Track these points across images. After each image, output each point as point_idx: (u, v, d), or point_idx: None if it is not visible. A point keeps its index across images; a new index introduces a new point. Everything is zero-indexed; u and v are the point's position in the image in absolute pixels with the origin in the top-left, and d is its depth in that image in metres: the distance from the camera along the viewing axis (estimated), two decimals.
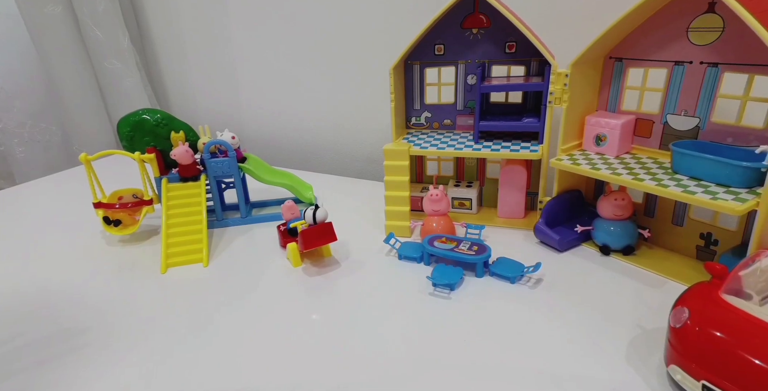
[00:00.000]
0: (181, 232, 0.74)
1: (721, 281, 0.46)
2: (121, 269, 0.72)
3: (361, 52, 1.07)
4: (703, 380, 0.40)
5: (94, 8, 1.23)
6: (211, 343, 0.55)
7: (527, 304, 0.59)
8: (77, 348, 0.55)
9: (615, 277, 0.64)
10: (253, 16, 1.18)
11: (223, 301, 0.63)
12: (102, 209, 0.78)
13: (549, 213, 0.72)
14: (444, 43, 0.79)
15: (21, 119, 1.32)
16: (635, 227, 0.69)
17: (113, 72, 1.31)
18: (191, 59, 1.35)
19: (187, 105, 1.44)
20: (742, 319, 0.41)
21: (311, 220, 0.67)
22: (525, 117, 0.77)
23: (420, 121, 0.86)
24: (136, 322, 0.59)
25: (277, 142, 1.30)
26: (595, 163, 0.67)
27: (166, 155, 0.79)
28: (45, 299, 0.65)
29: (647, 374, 0.47)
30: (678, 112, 0.65)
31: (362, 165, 1.18)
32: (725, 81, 0.60)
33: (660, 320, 0.52)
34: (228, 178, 0.83)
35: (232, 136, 0.82)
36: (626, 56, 0.68)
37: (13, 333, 0.58)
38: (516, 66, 0.78)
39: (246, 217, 0.86)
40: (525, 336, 0.54)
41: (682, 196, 0.56)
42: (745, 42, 0.56)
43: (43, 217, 0.93)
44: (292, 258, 0.70)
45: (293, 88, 1.21)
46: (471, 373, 0.49)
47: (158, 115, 0.80)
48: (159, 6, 1.32)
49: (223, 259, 0.74)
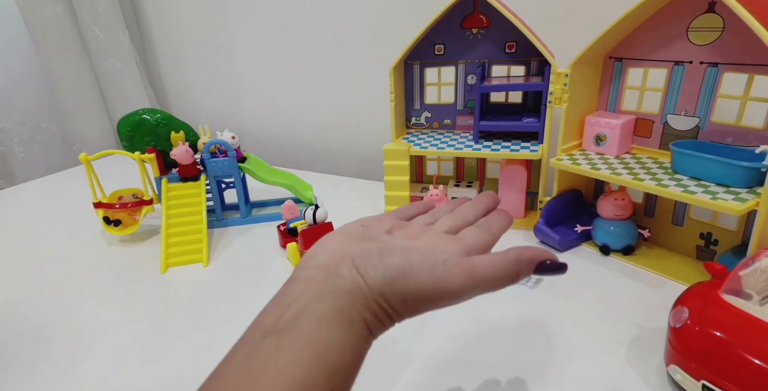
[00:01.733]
0: (181, 232, 0.74)
1: (721, 280, 0.46)
2: (121, 269, 0.72)
3: (361, 51, 1.07)
4: (703, 380, 0.40)
5: (94, 8, 1.23)
6: (211, 343, 0.55)
7: (527, 304, 0.59)
8: (77, 348, 0.55)
9: (615, 277, 0.64)
10: (253, 16, 1.18)
11: (223, 301, 0.63)
12: (102, 208, 0.78)
13: (549, 213, 0.72)
14: (444, 43, 0.79)
15: (21, 119, 1.32)
16: (635, 226, 0.69)
17: (113, 72, 1.31)
18: (191, 59, 1.35)
19: (187, 105, 1.44)
20: (742, 319, 0.41)
21: (311, 220, 0.68)
22: (525, 117, 0.77)
23: (420, 121, 0.86)
24: (136, 322, 0.59)
25: (277, 142, 1.30)
26: (595, 163, 0.67)
27: (166, 155, 0.79)
28: (45, 299, 0.65)
29: (647, 374, 0.47)
30: (678, 112, 0.65)
31: (362, 165, 1.18)
32: (725, 81, 0.60)
33: (660, 320, 0.52)
34: (228, 178, 0.83)
35: (232, 136, 0.82)
36: (626, 56, 0.68)
37: (12, 333, 0.58)
38: (516, 66, 0.78)
39: (246, 217, 0.86)
40: (525, 336, 0.54)
41: (682, 196, 0.56)
42: (745, 42, 0.56)
43: (43, 217, 0.93)
44: (292, 258, 0.70)
45: (293, 88, 1.21)
46: (470, 372, 0.49)
47: (158, 115, 0.80)
48: (159, 6, 1.32)
49: (223, 259, 0.74)
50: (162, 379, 0.50)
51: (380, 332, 0.29)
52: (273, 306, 0.29)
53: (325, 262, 0.30)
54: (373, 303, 0.28)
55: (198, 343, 0.55)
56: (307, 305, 0.27)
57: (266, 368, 0.25)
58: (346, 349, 0.27)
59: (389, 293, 0.28)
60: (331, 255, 0.30)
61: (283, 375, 0.24)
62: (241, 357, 0.26)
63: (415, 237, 0.33)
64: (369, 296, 0.28)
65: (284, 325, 0.27)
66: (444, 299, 0.29)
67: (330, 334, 0.26)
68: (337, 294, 0.28)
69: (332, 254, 0.30)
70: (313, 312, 0.27)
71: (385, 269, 0.29)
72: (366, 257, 0.29)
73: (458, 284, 0.29)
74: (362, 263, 0.29)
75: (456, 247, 0.31)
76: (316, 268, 0.30)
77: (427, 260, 0.29)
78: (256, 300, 0.32)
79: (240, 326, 0.29)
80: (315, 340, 0.26)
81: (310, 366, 0.25)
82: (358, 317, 0.28)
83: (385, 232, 0.33)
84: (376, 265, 0.29)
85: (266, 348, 0.26)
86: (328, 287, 0.28)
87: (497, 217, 0.37)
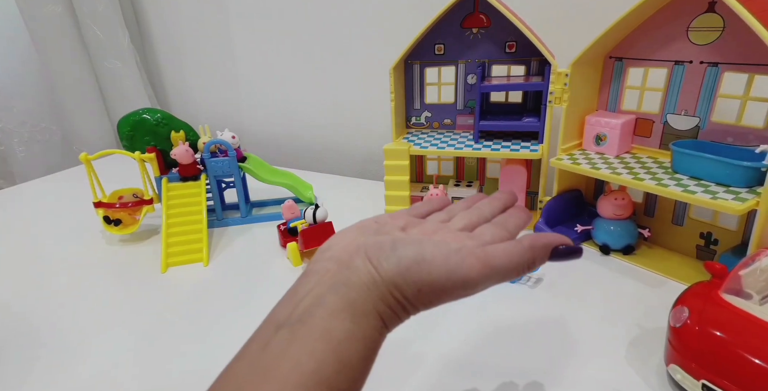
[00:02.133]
0: (181, 231, 0.74)
1: (721, 280, 0.46)
2: (121, 268, 0.72)
3: (361, 51, 1.07)
4: (703, 379, 0.40)
5: (94, 8, 1.23)
6: (211, 342, 0.55)
7: (527, 303, 0.59)
8: (77, 348, 0.55)
9: (615, 277, 0.64)
10: (253, 15, 1.18)
11: (223, 300, 0.63)
12: (102, 208, 0.78)
13: (549, 213, 0.72)
14: (444, 43, 0.79)
15: (21, 119, 1.32)
16: (635, 226, 0.69)
17: (113, 72, 1.31)
18: (191, 59, 1.35)
19: (187, 105, 1.44)
20: (742, 318, 0.41)
21: (311, 219, 0.68)
22: (525, 117, 0.77)
23: (420, 120, 0.86)
24: (136, 321, 0.59)
25: (277, 142, 1.30)
26: (595, 163, 0.67)
27: (166, 155, 0.79)
28: (45, 299, 0.65)
29: (647, 374, 0.47)
30: (678, 111, 0.65)
31: (362, 165, 1.18)
32: (725, 81, 0.60)
33: (660, 319, 0.52)
34: (228, 177, 0.83)
35: (232, 135, 0.82)
36: (626, 56, 0.68)
37: (12, 332, 0.58)
38: (516, 66, 0.78)
39: (246, 216, 0.86)
40: (525, 336, 0.54)
41: (682, 195, 0.56)
42: (745, 42, 0.56)
43: (43, 217, 0.93)
44: (292, 258, 0.70)
45: (293, 88, 1.21)
46: (470, 372, 0.49)
47: (158, 114, 0.80)
48: (159, 6, 1.32)
49: (223, 258, 0.74)
50: (162, 378, 0.50)
51: (395, 324, 0.29)
52: (286, 300, 0.29)
53: (338, 254, 0.30)
54: (387, 294, 0.28)
55: (198, 342, 0.55)
56: (321, 296, 0.27)
57: (279, 361, 0.25)
58: (359, 341, 0.26)
59: (403, 283, 0.28)
60: (344, 248, 0.30)
61: (296, 368, 0.24)
62: (254, 351, 0.26)
63: (429, 234, 0.32)
64: (383, 287, 0.28)
65: (297, 317, 0.26)
66: (458, 288, 0.29)
67: (343, 325, 0.26)
68: (350, 285, 0.28)
69: (345, 247, 0.30)
70: (326, 304, 0.27)
71: (398, 259, 0.28)
72: (379, 248, 0.29)
73: (473, 272, 0.28)
74: (375, 254, 0.29)
75: (471, 242, 0.31)
76: (329, 260, 0.30)
77: (440, 250, 0.29)
78: (256, 300, 0.32)
79: (240, 326, 0.29)
80: (328, 332, 0.26)
81: (323, 358, 0.25)
82: (372, 309, 0.27)
83: (399, 228, 0.33)
84: (389, 255, 0.29)
85: (279, 341, 0.26)
86: (341, 279, 0.28)
87: (515, 214, 0.37)
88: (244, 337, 0.27)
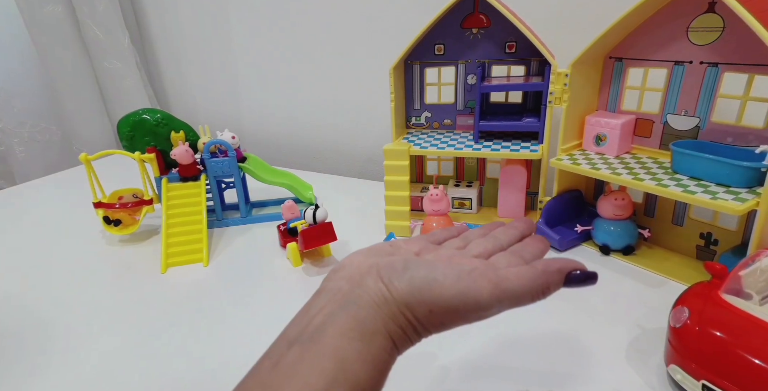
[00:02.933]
0: (181, 232, 0.74)
1: (721, 280, 0.46)
2: (121, 268, 0.72)
3: (361, 52, 1.07)
4: (703, 379, 0.40)
5: (94, 8, 1.23)
6: (211, 342, 0.55)
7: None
8: (77, 347, 0.55)
9: (615, 277, 0.64)
10: (253, 16, 1.18)
11: (223, 301, 0.63)
12: (102, 208, 0.78)
13: (549, 213, 0.72)
14: (444, 43, 0.79)
15: (21, 119, 1.32)
16: (635, 226, 0.69)
17: (113, 72, 1.31)
18: (191, 59, 1.35)
19: (187, 105, 1.44)
20: (742, 319, 0.41)
21: (311, 220, 0.67)
22: (525, 117, 0.77)
23: (420, 121, 0.86)
24: (136, 322, 0.59)
25: (277, 142, 1.30)
26: (595, 163, 0.67)
27: (166, 155, 0.79)
28: (45, 299, 0.65)
29: (647, 374, 0.47)
30: (678, 112, 0.65)
31: (362, 165, 1.18)
32: (725, 81, 0.60)
33: (660, 319, 0.52)
34: (228, 178, 0.83)
35: (232, 136, 0.82)
36: (626, 56, 0.68)
37: (12, 332, 0.58)
38: (516, 66, 0.78)
39: (246, 217, 0.86)
40: (525, 335, 0.54)
41: (682, 196, 0.56)
42: (745, 42, 0.56)
43: (43, 217, 0.93)
44: (292, 258, 0.70)
45: (293, 88, 1.21)
46: (470, 372, 0.49)
47: (158, 115, 0.80)
48: (159, 6, 1.32)
49: (223, 259, 0.74)
50: (162, 378, 0.50)
51: (406, 346, 0.29)
52: (299, 317, 0.29)
53: (350, 274, 0.30)
54: (398, 314, 0.28)
55: (198, 342, 0.55)
56: (332, 315, 0.27)
57: (290, 378, 0.25)
58: (367, 361, 0.26)
59: (414, 303, 0.28)
60: (357, 267, 0.31)
61: (305, 386, 0.24)
62: (265, 368, 0.26)
63: (444, 259, 0.32)
64: (393, 306, 0.28)
65: (309, 335, 0.27)
66: (470, 310, 0.29)
67: (352, 345, 0.26)
68: (360, 304, 0.28)
69: (358, 267, 0.31)
70: (337, 322, 0.27)
71: (410, 279, 0.29)
72: (391, 268, 0.30)
73: (484, 294, 0.28)
74: (387, 274, 0.29)
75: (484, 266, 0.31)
76: (341, 279, 0.30)
77: (452, 271, 0.29)
78: (256, 300, 0.32)
79: (240, 326, 0.29)
80: (337, 350, 0.26)
81: (332, 377, 0.25)
82: (382, 328, 0.27)
83: (413, 253, 0.33)
84: (401, 275, 0.29)
85: (290, 358, 0.26)
86: (352, 297, 0.28)
87: (531, 243, 0.36)
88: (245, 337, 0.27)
